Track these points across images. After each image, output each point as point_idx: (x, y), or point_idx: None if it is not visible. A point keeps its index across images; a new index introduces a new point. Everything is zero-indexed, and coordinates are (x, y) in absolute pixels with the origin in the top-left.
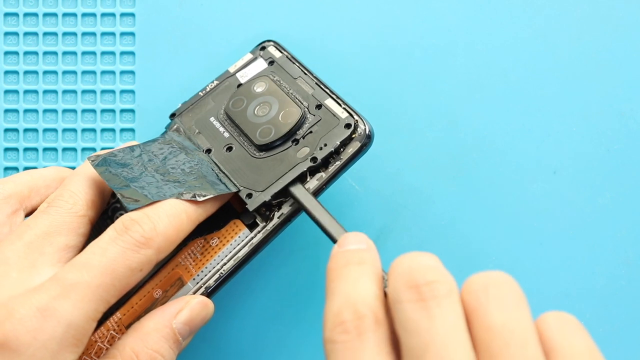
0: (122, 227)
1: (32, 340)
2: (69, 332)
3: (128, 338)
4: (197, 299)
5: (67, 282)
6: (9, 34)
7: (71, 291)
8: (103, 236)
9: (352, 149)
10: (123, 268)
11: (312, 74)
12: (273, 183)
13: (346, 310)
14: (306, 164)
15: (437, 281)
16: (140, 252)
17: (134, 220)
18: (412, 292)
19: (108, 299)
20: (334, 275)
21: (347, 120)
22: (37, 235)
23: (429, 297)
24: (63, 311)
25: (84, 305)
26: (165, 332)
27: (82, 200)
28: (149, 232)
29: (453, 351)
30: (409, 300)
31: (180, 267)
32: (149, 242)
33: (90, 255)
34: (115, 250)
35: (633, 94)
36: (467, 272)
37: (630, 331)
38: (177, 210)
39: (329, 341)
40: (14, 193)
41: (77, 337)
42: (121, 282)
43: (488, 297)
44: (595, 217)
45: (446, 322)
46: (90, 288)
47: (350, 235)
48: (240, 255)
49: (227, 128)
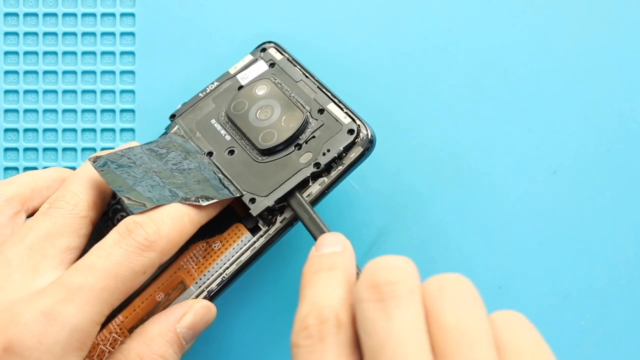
0: (125, 230)
1: (37, 344)
2: (73, 336)
3: (133, 342)
4: (200, 303)
5: (71, 286)
6: (9, 34)
7: (76, 295)
8: (106, 239)
9: (354, 154)
10: (127, 271)
11: (314, 77)
12: (276, 188)
13: (311, 315)
14: (309, 170)
15: (397, 281)
16: (144, 255)
17: (137, 223)
18: (372, 292)
19: (112, 302)
20: (306, 280)
21: (350, 126)
22: (39, 237)
23: (388, 297)
24: (68, 315)
25: (89, 308)
26: (170, 337)
27: (84, 201)
28: (153, 235)
29: (409, 352)
30: (368, 300)
31: (183, 271)
32: (152, 245)
33: (94, 259)
34: (119, 254)
35: (633, 94)
36: (466, 273)
37: (630, 331)
38: (180, 213)
39: (294, 345)
40: (15, 195)
41: (82, 341)
42: (125, 285)
43: (443, 298)
44: (595, 217)
45: (404, 322)
46: (95, 291)
47: (326, 236)
48: (243, 260)
49: (228, 131)
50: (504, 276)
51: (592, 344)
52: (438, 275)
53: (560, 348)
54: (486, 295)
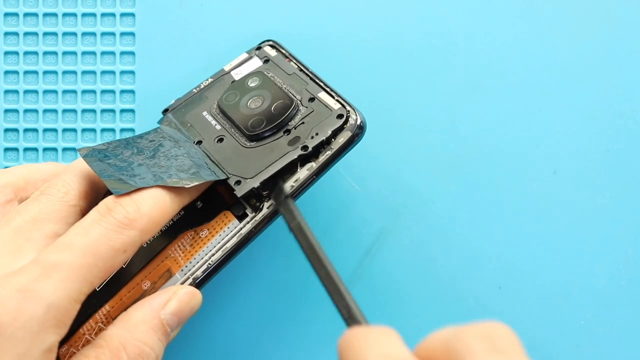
0: (105, 209)
1: (12, 320)
2: (49, 312)
3: (115, 329)
4: (184, 289)
5: (48, 263)
6: (9, 34)
7: (53, 272)
8: (86, 218)
9: (343, 138)
10: (106, 249)
11: (307, 69)
12: (262, 170)
13: None
14: (297, 152)
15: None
16: (123, 234)
17: (116, 202)
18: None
19: (91, 280)
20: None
21: (340, 111)
22: (26, 221)
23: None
24: (44, 291)
25: (66, 285)
26: (154, 324)
27: (75, 190)
28: (133, 213)
29: None
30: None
31: (170, 259)
32: (132, 223)
33: (72, 237)
34: (98, 231)
35: (633, 94)
36: (466, 273)
37: (630, 331)
38: (161, 193)
39: None
40: (9, 183)
41: (59, 318)
42: (105, 263)
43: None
44: (595, 217)
45: None
46: (73, 269)
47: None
48: (229, 246)
49: (219, 121)
50: (504, 276)
51: (592, 344)
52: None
53: (560, 348)
54: (486, 295)
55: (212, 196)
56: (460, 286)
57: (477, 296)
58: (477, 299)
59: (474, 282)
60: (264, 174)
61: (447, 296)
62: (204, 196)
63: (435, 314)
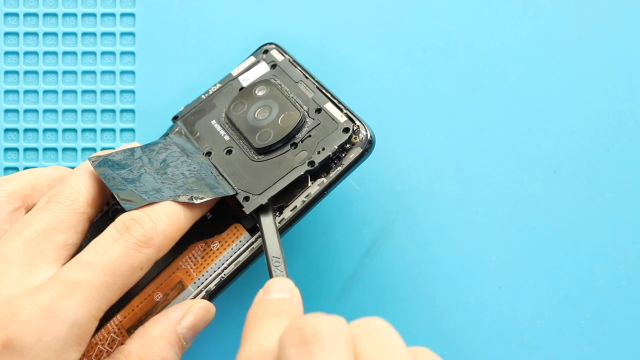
0: (123, 227)
1: (37, 340)
2: (72, 331)
3: (134, 344)
4: (199, 303)
5: (70, 282)
6: (9, 34)
7: (75, 291)
8: (104, 235)
9: (353, 154)
10: (125, 267)
11: (314, 78)
12: (270, 186)
13: (254, 357)
14: (303, 168)
15: (321, 325)
16: (141, 252)
17: (134, 220)
18: (295, 336)
19: (110, 298)
20: (251, 323)
21: (346, 125)
22: (37, 232)
23: (311, 340)
24: (67, 311)
25: (88, 304)
26: (171, 338)
27: (83, 197)
28: (150, 231)
29: None
30: (292, 345)
31: (181, 271)
32: (150, 241)
33: (92, 255)
34: (117, 250)
35: (633, 94)
36: (466, 272)
37: (630, 331)
38: (175, 209)
39: None
40: (16, 191)
41: (81, 336)
42: (123, 280)
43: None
44: (595, 217)
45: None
46: (94, 287)
47: (276, 281)
48: (241, 260)
49: (227, 131)
50: (504, 276)
51: (592, 344)
52: (360, 319)
53: (560, 348)
54: (486, 295)
55: (222, 208)
56: (460, 286)
57: (477, 296)
58: (477, 299)
59: (474, 282)
60: (271, 191)
61: (447, 296)
62: (213, 208)
63: (435, 314)
